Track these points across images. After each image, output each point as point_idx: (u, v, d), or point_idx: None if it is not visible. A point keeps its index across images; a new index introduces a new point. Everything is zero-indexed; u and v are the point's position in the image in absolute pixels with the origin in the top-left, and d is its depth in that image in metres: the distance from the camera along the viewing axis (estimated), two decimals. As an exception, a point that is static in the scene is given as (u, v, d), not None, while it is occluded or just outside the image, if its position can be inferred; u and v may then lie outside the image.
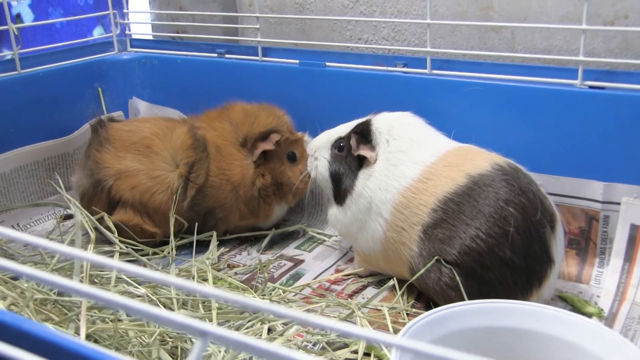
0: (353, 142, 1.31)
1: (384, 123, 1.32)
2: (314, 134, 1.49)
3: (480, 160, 1.21)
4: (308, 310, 1.23)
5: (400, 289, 1.30)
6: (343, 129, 1.37)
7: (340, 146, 1.35)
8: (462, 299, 1.15)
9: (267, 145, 1.51)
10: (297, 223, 1.67)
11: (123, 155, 1.52)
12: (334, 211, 1.38)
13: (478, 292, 1.14)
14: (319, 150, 1.39)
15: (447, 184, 1.19)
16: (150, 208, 1.50)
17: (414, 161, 1.25)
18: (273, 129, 1.53)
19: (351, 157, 1.33)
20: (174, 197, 1.48)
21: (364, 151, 1.30)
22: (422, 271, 1.19)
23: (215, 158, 1.52)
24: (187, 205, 1.51)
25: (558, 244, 1.18)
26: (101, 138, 1.55)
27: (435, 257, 1.17)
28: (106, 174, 1.50)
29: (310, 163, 1.42)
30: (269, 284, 1.35)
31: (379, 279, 1.41)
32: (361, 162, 1.32)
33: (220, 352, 1.01)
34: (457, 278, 1.14)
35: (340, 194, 1.34)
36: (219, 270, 1.43)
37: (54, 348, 0.54)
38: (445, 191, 1.18)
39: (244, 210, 1.55)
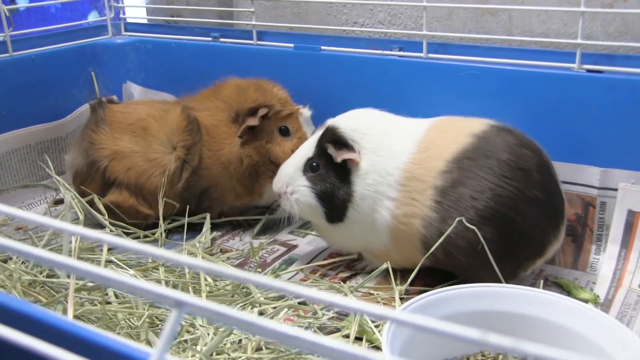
0: (332, 150, 1.25)
1: (350, 122, 1.28)
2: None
3: (476, 123, 1.24)
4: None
5: (396, 273, 1.29)
6: (304, 152, 1.30)
7: (312, 166, 1.27)
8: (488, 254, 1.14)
9: (252, 121, 1.48)
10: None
11: (119, 136, 1.50)
12: (334, 234, 1.31)
13: (507, 241, 1.16)
14: (290, 183, 1.29)
15: (453, 146, 1.20)
16: (146, 190, 1.49)
17: (403, 137, 1.25)
18: (261, 104, 1.50)
19: (331, 170, 1.26)
20: (163, 180, 1.46)
21: (347, 154, 1.24)
22: (455, 223, 1.15)
23: (207, 139, 1.51)
24: (182, 187, 1.50)
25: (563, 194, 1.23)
26: (98, 119, 1.54)
27: (459, 216, 1.15)
28: (101, 154, 1.49)
29: (286, 201, 1.29)
30: (260, 270, 1.34)
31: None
32: (345, 169, 1.26)
33: (209, 334, 1.00)
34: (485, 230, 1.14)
35: (337, 211, 1.26)
36: (211, 255, 1.42)
37: (39, 325, 0.52)
38: (455, 152, 1.19)
39: (239, 189, 1.53)
